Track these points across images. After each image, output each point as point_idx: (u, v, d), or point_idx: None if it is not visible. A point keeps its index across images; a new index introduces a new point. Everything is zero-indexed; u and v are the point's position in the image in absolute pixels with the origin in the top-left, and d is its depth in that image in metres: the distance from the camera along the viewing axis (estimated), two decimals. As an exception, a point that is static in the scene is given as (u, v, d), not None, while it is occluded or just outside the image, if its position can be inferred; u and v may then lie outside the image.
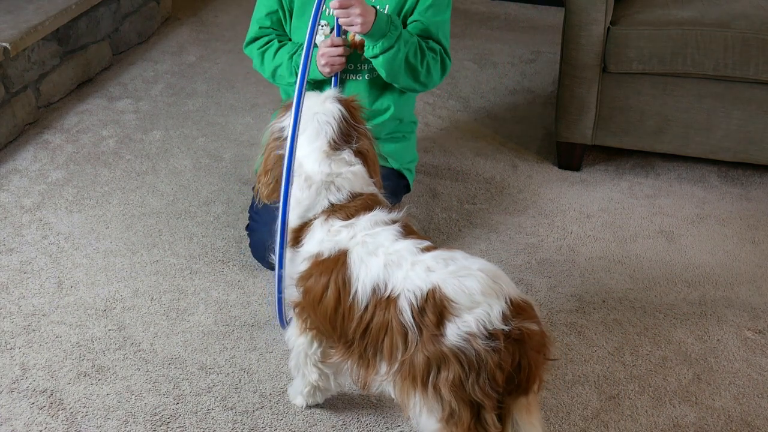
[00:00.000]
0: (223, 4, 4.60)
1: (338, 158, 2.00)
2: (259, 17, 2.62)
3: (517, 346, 1.66)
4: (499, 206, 2.97)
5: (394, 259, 1.78)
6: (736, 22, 2.90)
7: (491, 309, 1.66)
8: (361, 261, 1.80)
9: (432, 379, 1.70)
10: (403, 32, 2.43)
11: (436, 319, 1.68)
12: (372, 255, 1.80)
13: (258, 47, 2.61)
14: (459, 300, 1.68)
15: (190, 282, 2.57)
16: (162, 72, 3.85)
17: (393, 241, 1.82)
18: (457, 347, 1.66)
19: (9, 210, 2.87)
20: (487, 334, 1.65)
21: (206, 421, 2.10)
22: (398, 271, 1.76)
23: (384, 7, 2.50)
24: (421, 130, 3.37)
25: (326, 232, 1.90)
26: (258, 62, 2.63)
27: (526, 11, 4.64)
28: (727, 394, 2.23)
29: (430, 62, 2.50)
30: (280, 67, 2.55)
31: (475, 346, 1.65)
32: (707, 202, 3.03)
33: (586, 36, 2.94)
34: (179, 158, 3.20)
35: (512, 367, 1.67)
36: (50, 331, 2.37)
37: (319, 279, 1.86)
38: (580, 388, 2.23)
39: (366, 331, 1.79)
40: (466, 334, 1.65)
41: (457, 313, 1.67)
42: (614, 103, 3.05)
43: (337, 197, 1.96)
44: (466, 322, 1.66)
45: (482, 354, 1.64)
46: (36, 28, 3.24)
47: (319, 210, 1.95)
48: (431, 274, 1.72)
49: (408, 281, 1.73)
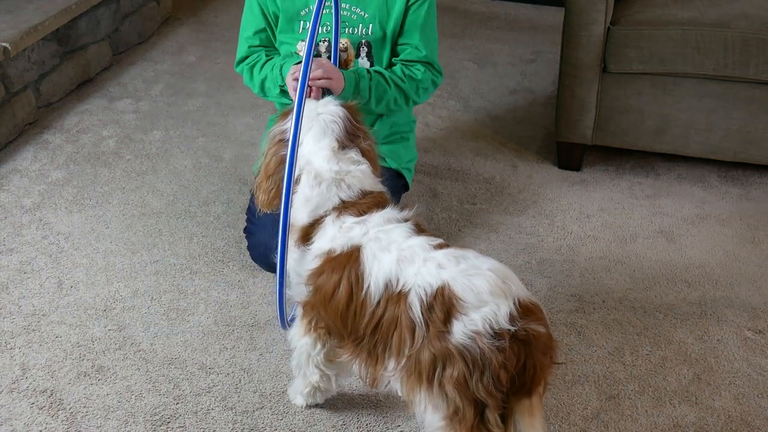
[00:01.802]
0: (223, 4, 4.60)
1: (346, 157, 2.00)
2: (247, 36, 2.61)
3: (522, 347, 1.67)
4: (499, 206, 2.97)
5: (407, 255, 1.78)
6: (736, 22, 2.90)
7: (498, 309, 1.67)
8: (374, 257, 1.81)
9: (437, 376, 1.70)
10: (374, 85, 2.45)
11: (444, 316, 1.69)
12: (385, 251, 1.81)
13: (247, 64, 2.61)
14: (467, 298, 1.68)
15: (190, 282, 2.57)
16: (162, 72, 3.85)
17: (406, 237, 1.83)
18: (462, 345, 1.66)
19: (9, 210, 2.87)
20: (493, 334, 1.65)
21: (206, 421, 2.10)
22: (410, 267, 1.76)
23: (367, 27, 2.52)
24: (421, 130, 3.37)
25: (338, 228, 1.90)
26: (248, 78, 2.62)
27: (526, 11, 4.64)
28: (727, 394, 2.23)
29: (410, 94, 2.55)
30: (267, 80, 2.54)
31: (481, 345, 1.65)
32: (707, 202, 3.03)
33: (586, 36, 2.94)
34: (179, 158, 3.20)
35: (517, 368, 1.67)
36: (50, 331, 2.37)
37: (331, 275, 1.86)
38: (580, 388, 2.23)
39: (377, 326, 1.79)
40: (473, 332, 1.66)
41: (464, 311, 1.68)
42: (614, 103, 3.05)
43: (348, 194, 1.95)
44: (472, 321, 1.66)
45: (487, 353, 1.65)
46: (36, 28, 3.24)
47: (330, 207, 1.95)
48: (442, 271, 1.73)
49: (419, 277, 1.74)
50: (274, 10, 2.57)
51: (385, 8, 2.52)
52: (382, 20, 2.53)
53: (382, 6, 2.52)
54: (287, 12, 2.55)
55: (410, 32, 2.54)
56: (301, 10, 2.54)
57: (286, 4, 2.54)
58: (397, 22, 2.53)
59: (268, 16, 2.58)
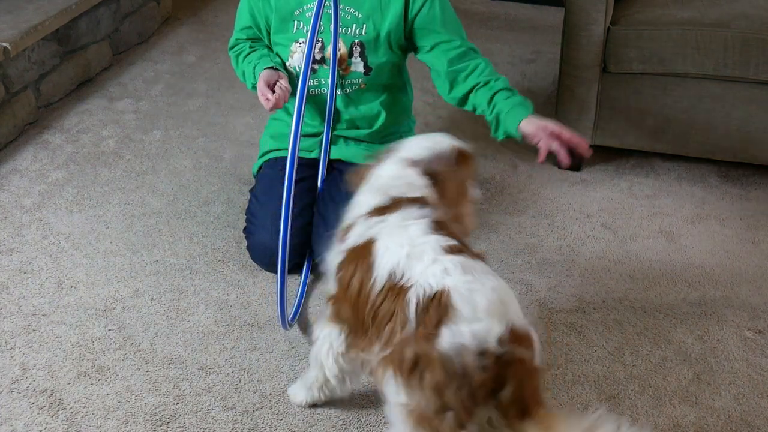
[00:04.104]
0: (223, 4, 4.61)
1: (407, 173, 2.01)
2: (237, 28, 2.70)
3: (505, 370, 1.66)
4: (499, 206, 2.97)
5: (417, 252, 1.79)
6: (736, 22, 2.90)
7: (490, 329, 1.66)
8: (386, 249, 1.82)
9: (416, 374, 1.71)
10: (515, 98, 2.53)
11: (437, 320, 1.69)
12: (398, 245, 1.82)
13: (234, 51, 2.71)
14: (462, 310, 1.68)
15: (190, 282, 2.57)
16: (162, 72, 3.85)
17: (421, 234, 1.83)
18: (446, 354, 1.66)
19: (9, 210, 2.87)
20: (480, 352, 1.65)
21: (206, 421, 2.10)
22: (418, 264, 1.77)
23: (360, 27, 2.53)
24: (421, 130, 3.36)
25: (364, 226, 1.93)
26: (234, 64, 2.72)
27: (526, 11, 4.64)
28: (727, 394, 2.23)
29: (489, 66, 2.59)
30: (246, 73, 2.63)
31: (464, 359, 1.65)
32: (707, 202, 3.03)
33: (586, 36, 2.94)
34: (179, 158, 3.20)
35: (496, 389, 1.67)
36: (50, 331, 2.37)
37: (348, 267, 1.89)
38: (580, 388, 2.23)
39: (375, 315, 1.81)
40: (459, 344, 1.66)
41: (456, 322, 1.67)
42: (614, 103, 3.05)
43: (384, 200, 1.97)
44: (462, 333, 1.66)
45: (469, 369, 1.64)
46: (36, 28, 3.24)
47: (366, 210, 1.97)
48: (446, 276, 1.73)
49: (423, 276, 1.74)
50: (267, 13, 2.58)
51: (379, 9, 2.52)
52: (376, 21, 2.53)
53: (376, 6, 2.52)
54: (281, 12, 2.55)
55: (433, 32, 2.55)
56: (294, 10, 2.55)
57: (280, 3, 2.55)
58: (392, 24, 2.52)
59: (256, 18, 2.63)
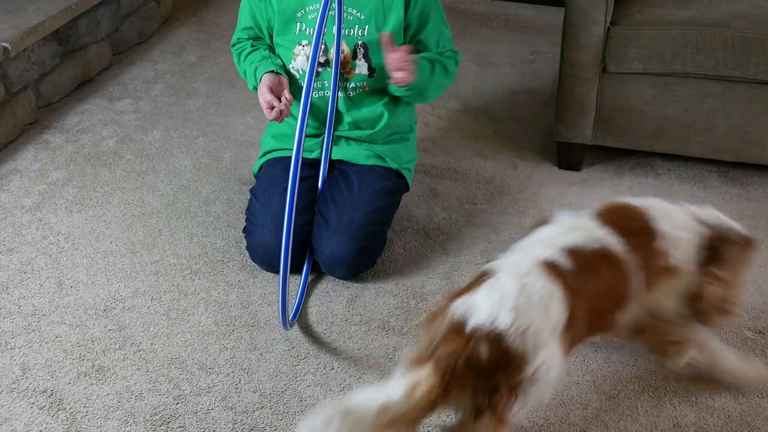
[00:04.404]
0: (223, 4, 4.60)
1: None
2: (239, 28, 2.71)
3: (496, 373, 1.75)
4: (499, 206, 2.97)
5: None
6: (736, 22, 2.90)
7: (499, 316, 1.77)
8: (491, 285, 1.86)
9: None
10: (435, 66, 2.56)
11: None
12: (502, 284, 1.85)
13: (236, 49, 2.72)
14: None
15: (190, 282, 2.57)
16: (162, 72, 3.85)
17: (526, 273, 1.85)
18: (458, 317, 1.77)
19: (9, 210, 2.87)
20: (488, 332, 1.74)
21: (206, 421, 2.10)
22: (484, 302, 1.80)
23: (363, 28, 2.55)
24: (421, 130, 3.37)
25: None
26: (235, 61, 2.73)
27: (526, 11, 4.64)
28: (727, 394, 2.22)
29: (450, 67, 2.62)
30: (246, 73, 2.63)
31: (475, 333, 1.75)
32: (707, 202, 3.03)
33: (586, 36, 2.94)
34: (179, 158, 3.20)
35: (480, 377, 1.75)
36: (50, 331, 2.37)
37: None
38: (580, 388, 2.23)
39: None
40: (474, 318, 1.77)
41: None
42: (614, 103, 3.05)
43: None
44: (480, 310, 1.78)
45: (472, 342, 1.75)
46: (36, 28, 3.24)
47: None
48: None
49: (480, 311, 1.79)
50: (268, 15, 2.58)
51: (381, 11, 2.52)
52: (378, 22, 2.53)
53: (378, 8, 2.52)
54: (283, 13, 2.55)
55: (431, 31, 2.61)
56: (297, 12, 2.55)
57: (282, 5, 2.55)
58: (395, 27, 2.52)
59: (257, 20, 2.63)
